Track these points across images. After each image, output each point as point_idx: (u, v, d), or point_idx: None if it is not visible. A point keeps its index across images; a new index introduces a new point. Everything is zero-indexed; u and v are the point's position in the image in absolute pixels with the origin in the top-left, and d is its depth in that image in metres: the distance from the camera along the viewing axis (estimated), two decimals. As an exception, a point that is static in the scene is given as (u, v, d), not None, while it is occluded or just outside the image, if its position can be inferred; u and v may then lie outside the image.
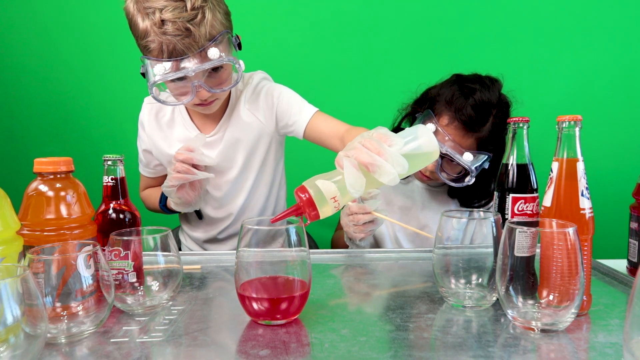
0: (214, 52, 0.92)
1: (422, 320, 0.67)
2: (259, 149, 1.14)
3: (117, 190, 0.79)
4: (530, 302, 0.64)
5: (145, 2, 0.91)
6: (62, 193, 0.71)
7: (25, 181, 0.72)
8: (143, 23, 0.92)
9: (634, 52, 1.65)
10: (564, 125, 0.67)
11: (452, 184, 1.12)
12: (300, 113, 1.08)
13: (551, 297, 0.63)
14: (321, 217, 0.65)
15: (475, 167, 1.08)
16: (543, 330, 0.62)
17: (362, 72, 1.72)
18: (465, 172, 1.11)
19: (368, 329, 0.65)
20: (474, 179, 1.09)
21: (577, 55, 1.66)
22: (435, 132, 1.09)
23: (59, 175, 0.72)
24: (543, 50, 1.66)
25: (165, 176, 1.26)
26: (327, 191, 0.64)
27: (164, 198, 1.15)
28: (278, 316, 0.65)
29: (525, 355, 0.57)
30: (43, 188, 0.71)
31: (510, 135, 0.73)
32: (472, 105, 1.08)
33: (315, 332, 0.63)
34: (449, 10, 1.67)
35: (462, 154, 1.08)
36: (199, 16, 0.91)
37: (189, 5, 0.90)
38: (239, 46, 0.99)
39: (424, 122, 1.10)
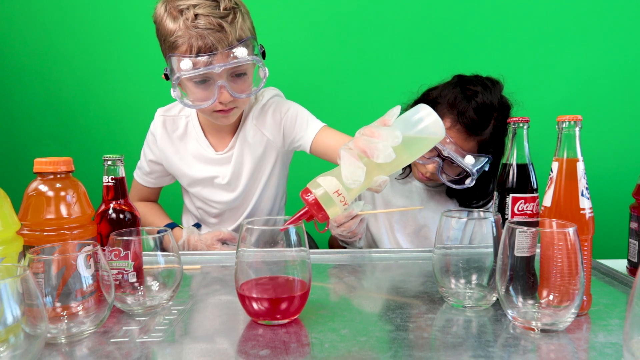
0: (242, 52, 0.94)
1: (422, 320, 0.67)
2: (266, 165, 1.15)
3: (117, 190, 0.79)
4: (530, 302, 0.64)
5: (177, 1, 0.94)
6: (62, 193, 0.71)
7: (25, 181, 0.72)
8: (174, 23, 0.93)
9: (634, 52, 1.64)
10: (564, 125, 0.67)
11: (453, 186, 1.12)
12: (307, 128, 1.09)
13: (551, 297, 0.63)
14: (331, 217, 0.63)
15: (476, 170, 1.09)
16: (543, 330, 0.62)
17: (362, 72, 1.72)
18: (466, 175, 1.11)
19: (368, 329, 0.65)
20: (474, 181, 1.09)
21: (577, 55, 1.66)
22: None
23: (59, 175, 0.72)
24: (543, 51, 1.66)
25: (159, 192, 1.28)
26: (330, 186, 0.61)
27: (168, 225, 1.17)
28: (278, 316, 0.65)
29: (525, 355, 0.57)
30: (43, 188, 0.71)
31: (510, 135, 0.73)
32: (475, 108, 1.08)
33: (315, 332, 0.63)
34: (449, 11, 1.67)
35: (463, 156, 1.08)
36: (231, 16, 0.94)
37: (222, 6, 0.93)
38: (263, 55, 1.01)
39: None
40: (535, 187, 0.72)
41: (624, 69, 1.65)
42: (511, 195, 0.71)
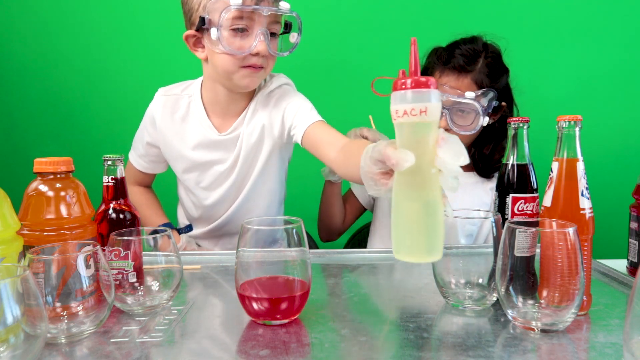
0: (286, 5, 0.99)
1: (422, 320, 0.67)
2: (260, 154, 1.11)
3: (117, 190, 0.79)
4: (530, 302, 0.64)
5: None
6: (62, 193, 0.71)
7: (25, 181, 0.72)
8: None
9: (634, 52, 1.64)
10: (564, 125, 0.67)
11: (467, 133, 1.11)
12: (304, 118, 1.05)
13: (551, 297, 0.63)
14: (394, 97, 0.56)
15: (483, 105, 1.08)
16: (543, 330, 0.62)
17: (361, 71, 1.72)
18: (477, 117, 1.09)
19: (368, 329, 0.65)
20: (486, 118, 1.09)
21: (577, 55, 1.66)
22: None
23: (59, 175, 0.72)
24: (543, 50, 1.66)
25: (152, 177, 1.25)
26: (432, 112, 0.54)
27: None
28: (278, 316, 0.65)
29: (525, 355, 0.57)
30: (43, 188, 0.71)
31: (510, 135, 0.73)
32: (459, 53, 1.12)
33: (315, 332, 0.64)
34: (449, 10, 1.67)
35: (462, 95, 1.09)
36: None
37: None
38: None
39: None
40: (535, 187, 0.72)
41: (624, 69, 1.65)
42: (511, 195, 0.71)
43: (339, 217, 1.32)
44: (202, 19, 0.97)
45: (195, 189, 1.16)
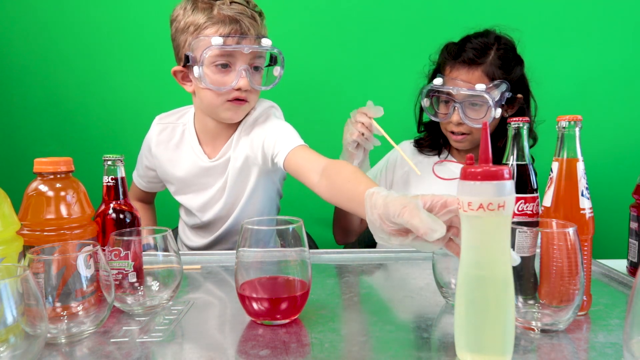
0: (268, 42, 1.03)
1: (422, 320, 0.67)
2: (245, 181, 1.12)
3: (117, 190, 0.79)
4: (530, 302, 0.64)
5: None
6: (62, 193, 0.71)
7: (25, 181, 0.72)
8: (203, 13, 1.00)
9: (634, 52, 1.64)
10: (564, 125, 0.67)
11: (480, 126, 1.10)
12: (282, 145, 1.02)
13: (551, 297, 0.63)
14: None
15: (495, 97, 1.07)
16: (543, 330, 0.62)
17: (363, 72, 1.72)
18: (489, 110, 1.08)
19: (368, 329, 0.65)
20: (499, 110, 1.08)
21: (577, 55, 1.66)
22: (444, 82, 1.12)
23: (59, 175, 0.72)
24: (543, 50, 1.66)
25: (153, 194, 1.31)
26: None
27: None
28: (278, 316, 0.65)
29: (525, 355, 0.57)
30: (43, 188, 0.71)
31: (510, 135, 0.73)
32: (470, 46, 1.13)
33: (315, 332, 0.64)
34: (449, 10, 1.67)
35: (473, 87, 1.08)
36: (259, 12, 1.05)
37: (251, 4, 1.04)
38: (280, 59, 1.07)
39: (434, 81, 1.13)
40: (535, 187, 0.72)
41: (625, 69, 1.65)
42: (511, 195, 0.71)
43: (356, 217, 1.29)
44: (187, 57, 1.01)
45: (189, 209, 1.20)
